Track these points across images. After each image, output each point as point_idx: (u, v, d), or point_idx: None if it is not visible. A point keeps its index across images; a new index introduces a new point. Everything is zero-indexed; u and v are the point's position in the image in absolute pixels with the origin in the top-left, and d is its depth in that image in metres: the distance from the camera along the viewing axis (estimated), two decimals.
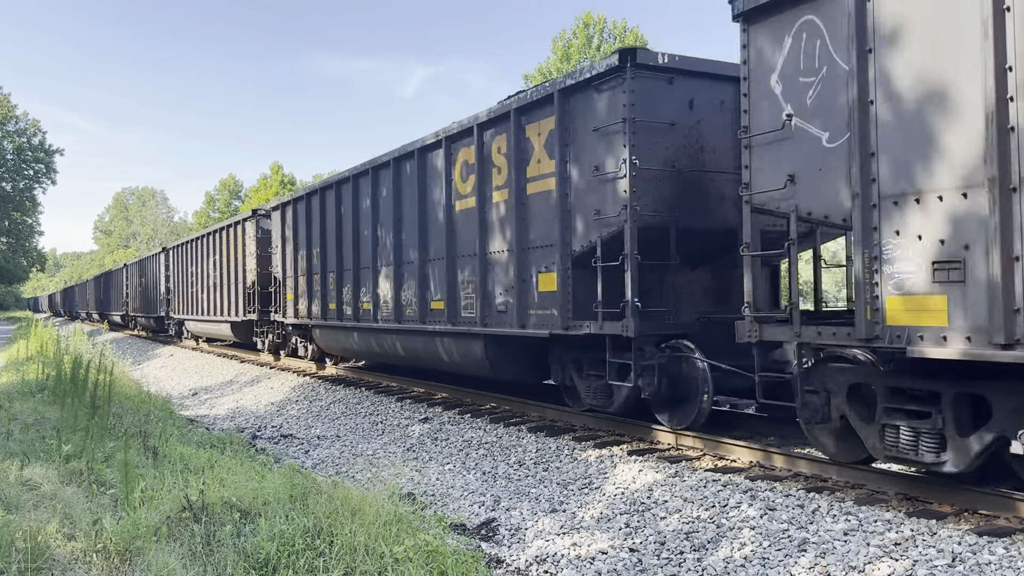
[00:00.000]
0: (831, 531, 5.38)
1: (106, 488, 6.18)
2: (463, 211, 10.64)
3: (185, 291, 27.69)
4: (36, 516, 5.21)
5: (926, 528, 5.23)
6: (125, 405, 11.06)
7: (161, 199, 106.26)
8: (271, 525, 5.11)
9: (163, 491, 5.87)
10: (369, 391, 13.70)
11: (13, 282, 72.36)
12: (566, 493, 7.13)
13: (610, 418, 9.04)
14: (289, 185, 65.46)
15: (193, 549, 4.87)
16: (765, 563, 5.11)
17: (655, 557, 5.47)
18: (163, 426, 9.69)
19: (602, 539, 5.90)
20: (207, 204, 79.41)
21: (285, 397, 14.92)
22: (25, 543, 4.49)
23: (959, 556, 4.77)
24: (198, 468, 7.02)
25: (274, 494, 5.78)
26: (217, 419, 13.61)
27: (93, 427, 8.32)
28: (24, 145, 56.54)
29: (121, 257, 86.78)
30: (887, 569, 4.75)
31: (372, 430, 11.08)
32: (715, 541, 5.57)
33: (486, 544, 6.16)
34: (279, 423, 12.72)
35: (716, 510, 6.06)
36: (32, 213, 60.34)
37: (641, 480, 7.00)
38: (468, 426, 10.12)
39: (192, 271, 26.64)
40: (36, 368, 14.70)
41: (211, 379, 19.42)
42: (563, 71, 42.79)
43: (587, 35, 43.01)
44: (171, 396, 16.21)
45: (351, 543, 4.92)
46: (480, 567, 5.07)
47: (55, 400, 10.67)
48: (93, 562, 4.58)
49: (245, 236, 20.80)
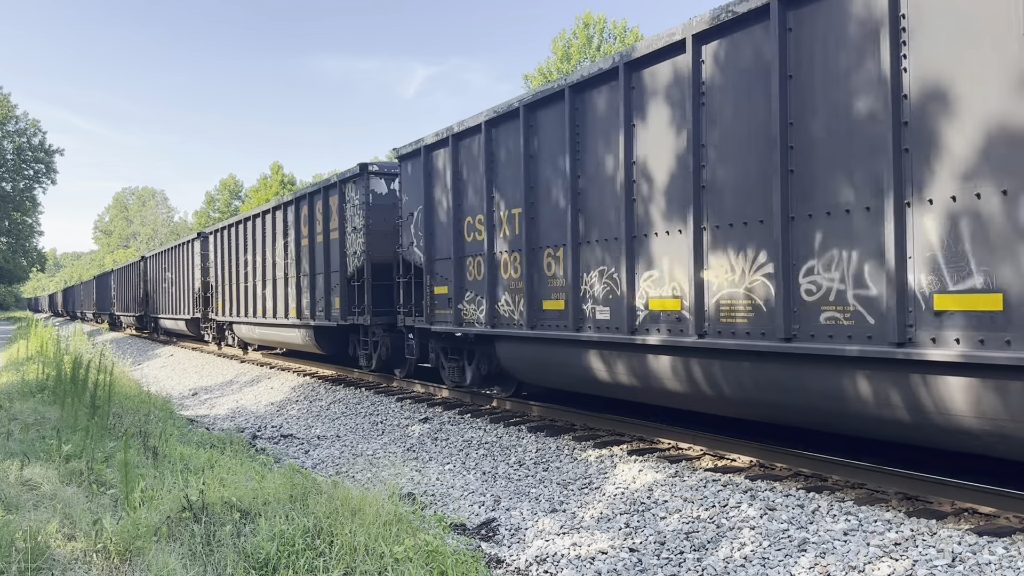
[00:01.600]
0: (831, 531, 5.38)
1: (106, 488, 6.18)
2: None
3: (238, 286, 21.85)
4: (36, 516, 5.21)
5: (926, 528, 5.23)
6: (125, 405, 11.05)
7: (161, 199, 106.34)
8: (271, 525, 5.11)
9: (163, 491, 5.86)
10: (369, 391, 13.71)
11: (13, 282, 72.40)
12: (566, 493, 7.13)
13: (611, 418, 9.09)
14: (289, 185, 65.46)
15: (193, 549, 4.87)
16: (765, 563, 5.11)
17: (655, 557, 5.47)
18: (163, 426, 9.69)
19: (602, 539, 5.90)
20: (207, 204, 79.45)
21: (285, 397, 14.92)
22: (25, 543, 4.49)
23: (959, 556, 4.77)
24: (198, 468, 7.02)
25: (274, 494, 5.78)
26: (217, 419, 13.61)
27: (93, 427, 8.32)
28: (24, 145, 56.57)
29: (121, 257, 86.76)
30: (887, 569, 4.75)
31: (372, 430, 11.08)
32: (715, 541, 5.57)
33: (486, 544, 6.16)
34: (279, 423, 12.72)
35: (716, 510, 6.06)
36: (32, 213, 60.37)
37: (641, 480, 7.00)
38: (468, 426, 10.12)
39: (249, 259, 20.99)
40: (36, 368, 14.70)
41: (211, 379, 19.42)
42: (563, 71, 42.84)
43: (587, 35, 43.05)
44: (171, 396, 16.20)
45: (351, 543, 4.92)
46: (480, 567, 5.06)
47: (55, 400, 10.67)
48: (93, 562, 4.58)
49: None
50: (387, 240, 13.58)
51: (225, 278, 22.50)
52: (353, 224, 14.32)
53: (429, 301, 11.58)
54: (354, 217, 14.27)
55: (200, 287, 25.25)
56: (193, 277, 26.24)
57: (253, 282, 20.00)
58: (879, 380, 5.59)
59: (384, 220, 13.79)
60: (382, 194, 13.96)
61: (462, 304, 10.79)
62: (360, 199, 14.01)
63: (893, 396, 5.53)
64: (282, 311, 17.89)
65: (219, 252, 23.20)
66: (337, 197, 14.82)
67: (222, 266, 22.82)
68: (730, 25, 6.64)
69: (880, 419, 5.70)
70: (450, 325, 11.03)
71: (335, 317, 15.03)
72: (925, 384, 5.33)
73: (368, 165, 13.96)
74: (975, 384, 5.04)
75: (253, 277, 19.99)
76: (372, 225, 13.85)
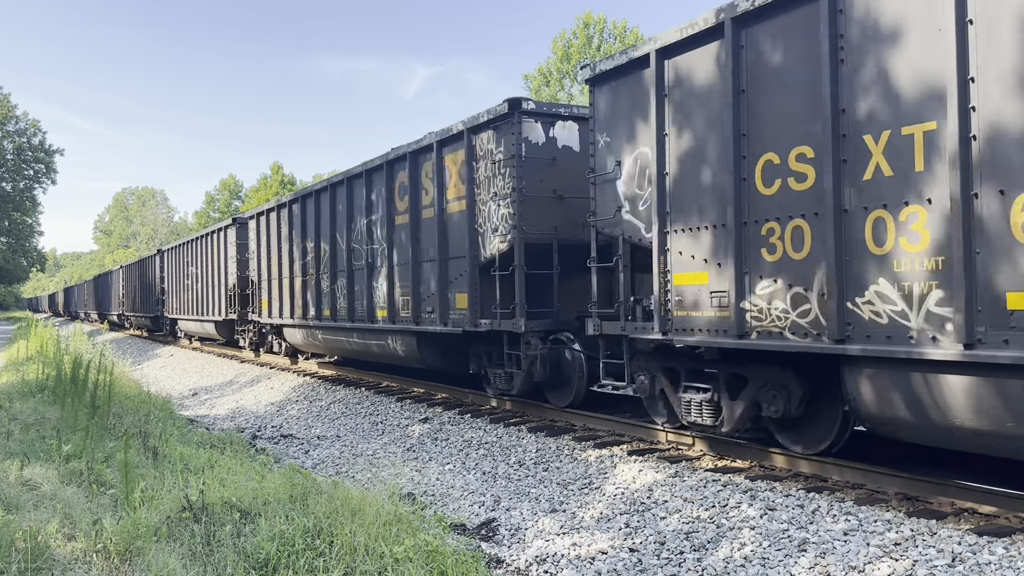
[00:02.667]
0: (831, 531, 5.38)
1: (106, 488, 6.18)
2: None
3: (290, 281, 18.42)
4: (36, 516, 5.21)
5: (926, 528, 5.23)
6: (125, 405, 11.05)
7: (161, 199, 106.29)
8: (271, 525, 5.11)
9: (163, 491, 5.87)
10: (369, 391, 13.71)
11: (13, 282, 72.36)
12: (566, 493, 7.13)
13: (611, 418, 9.10)
14: (289, 185, 65.49)
15: (193, 549, 4.87)
16: (765, 563, 5.11)
17: (655, 557, 5.47)
18: (163, 426, 9.69)
19: (602, 539, 5.90)
20: (207, 204, 79.45)
21: (285, 397, 14.92)
22: (25, 543, 4.49)
23: (959, 556, 4.77)
24: (198, 468, 7.03)
25: (274, 494, 5.78)
26: (217, 419, 13.61)
27: (93, 427, 8.32)
28: (24, 145, 56.54)
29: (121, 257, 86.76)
30: (887, 569, 4.75)
31: (372, 430, 11.08)
32: (715, 541, 5.57)
33: (486, 544, 6.16)
34: (279, 423, 12.72)
35: (716, 510, 6.07)
36: (32, 213, 60.33)
37: (641, 480, 7.00)
38: (468, 426, 10.12)
39: (309, 246, 18.14)
40: (36, 368, 14.71)
41: (211, 379, 19.42)
42: (563, 71, 42.89)
43: (587, 35, 43.05)
44: (171, 396, 16.20)
45: (351, 543, 4.92)
46: (480, 567, 5.06)
47: (55, 400, 10.68)
48: (93, 562, 4.58)
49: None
50: (547, 211, 9.82)
51: (273, 272, 18.25)
52: (493, 189, 10.00)
53: (662, 297, 7.52)
54: (494, 179, 10.01)
55: (235, 283, 21.23)
56: (226, 272, 22.22)
57: (315, 275, 15.66)
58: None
59: (542, 182, 9.77)
60: (538, 144, 9.85)
61: (751, 299, 6.65)
62: (508, 151, 9.71)
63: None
64: (363, 310, 13.59)
65: (264, 240, 18.81)
66: (463, 152, 10.57)
67: (268, 257, 18.55)
68: None
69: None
70: (718, 336, 6.93)
71: (458, 320, 10.85)
72: None
73: (521, 101, 9.76)
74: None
75: (316, 269, 15.58)
76: (526, 189, 9.64)
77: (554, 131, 10.00)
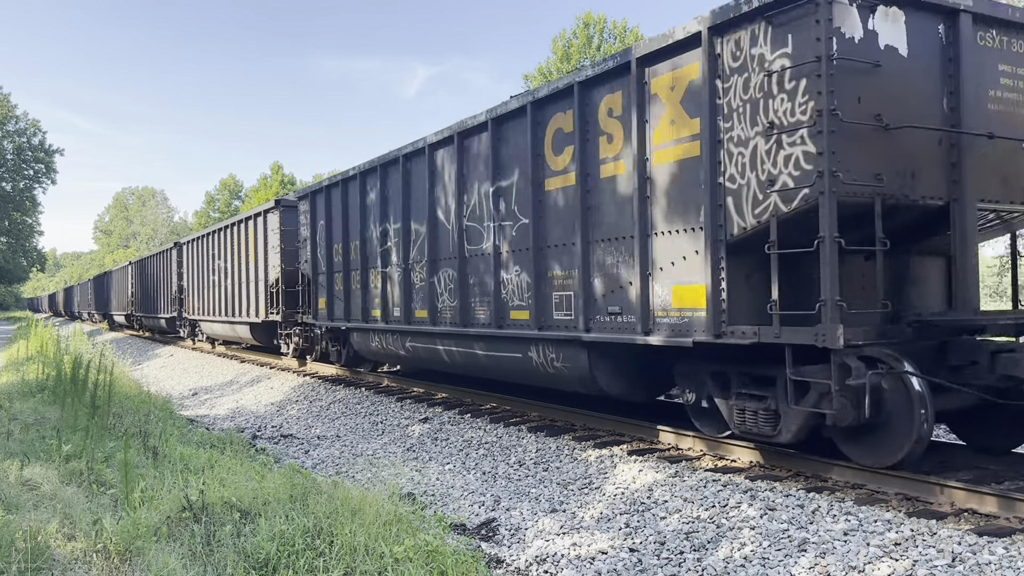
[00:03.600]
0: (831, 531, 5.38)
1: (106, 488, 6.18)
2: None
3: (363, 275, 14.93)
4: (36, 516, 5.21)
5: (926, 528, 5.22)
6: (125, 405, 11.06)
7: (161, 199, 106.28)
8: (271, 525, 5.11)
9: (163, 491, 5.87)
10: (369, 391, 13.70)
11: (13, 282, 72.39)
12: (566, 493, 7.13)
13: (611, 418, 9.05)
14: (289, 185, 65.46)
15: (193, 549, 4.88)
16: (765, 563, 5.11)
17: (655, 557, 5.47)
18: (163, 426, 9.69)
19: (602, 539, 5.90)
20: (207, 204, 79.49)
21: (285, 397, 14.92)
22: (25, 543, 4.49)
23: (959, 556, 4.77)
24: (198, 468, 7.03)
25: (274, 494, 5.78)
26: (217, 419, 13.61)
27: (93, 427, 8.32)
28: (24, 145, 56.58)
29: (121, 257, 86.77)
30: (887, 569, 4.75)
31: (372, 430, 11.08)
32: (715, 541, 5.57)
33: (486, 544, 6.16)
34: (279, 423, 12.72)
35: (716, 510, 6.06)
36: (32, 213, 60.37)
37: (641, 480, 7.00)
38: (468, 426, 10.12)
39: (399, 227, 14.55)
40: (36, 368, 14.71)
41: (211, 379, 19.42)
42: (563, 71, 42.83)
43: (587, 35, 43.05)
44: (171, 396, 16.21)
45: (351, 543, 4.92)
46: (480, 567, 5.07)
47: (55, 400, 10.68)
48: (93, 562, 4.58)
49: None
50: (868, 149, 6.22)
51: (335, 264, 14.71)
52: (768, 118, 6.38)
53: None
54: (770, 101, 6.37)
55: (278, 278, 17.96)
56: (266, 265, 18.79)
57: (400, 266, 12.26)
58: None
59: (860, 103, 6.27)
60: (854, 41, 6.21)
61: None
62: (804, 52, 6.06)
63: None
64: (483, 310, 10.28)
65: (322, 225, 15.17)
66: (698, 66, 7.03)
67: (327, 246, 14.98)
68: None
69: None
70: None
71: (678, 326, 7.31)
72: None
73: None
74: None
75: (402, 258, 12.21)
76: (840, 112, 5.96)
77: (874, 22, 6.29)
